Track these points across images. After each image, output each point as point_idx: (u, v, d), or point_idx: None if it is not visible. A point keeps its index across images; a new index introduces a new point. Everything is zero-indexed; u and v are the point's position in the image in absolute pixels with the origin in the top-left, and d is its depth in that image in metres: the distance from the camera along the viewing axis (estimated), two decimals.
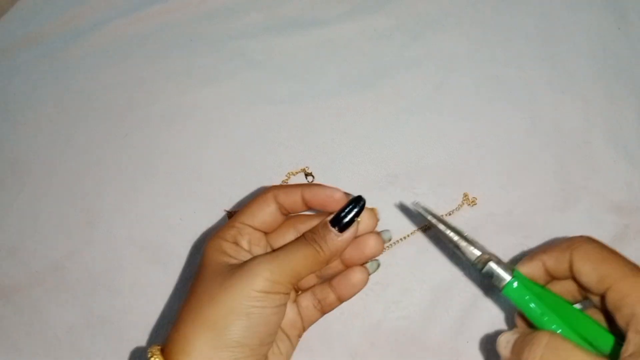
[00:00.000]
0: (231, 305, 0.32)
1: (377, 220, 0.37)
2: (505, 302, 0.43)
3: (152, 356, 0.32)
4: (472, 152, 0.48)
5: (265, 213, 0.36)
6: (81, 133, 0.52)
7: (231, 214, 0.47)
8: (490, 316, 0.43)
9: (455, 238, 0.37)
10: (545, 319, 0.33)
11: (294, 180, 0.48)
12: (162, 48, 0.54)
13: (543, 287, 0.35)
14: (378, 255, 0.37)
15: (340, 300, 0.38)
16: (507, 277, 0.35)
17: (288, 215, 0.38)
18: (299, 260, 0.34)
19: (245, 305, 0.32)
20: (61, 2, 0.57)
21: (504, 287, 0.35)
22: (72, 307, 0.46)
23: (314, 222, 0.36)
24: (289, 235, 0.37)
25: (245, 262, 0.33)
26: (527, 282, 0.35)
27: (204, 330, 0.32)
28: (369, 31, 0.53)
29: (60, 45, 0.55)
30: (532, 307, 0.34)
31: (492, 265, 0.35)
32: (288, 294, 0.34)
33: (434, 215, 0.37)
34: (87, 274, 0.46)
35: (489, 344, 0.42)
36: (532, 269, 0.36)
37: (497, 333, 0.42)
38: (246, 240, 0.36)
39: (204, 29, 0.55)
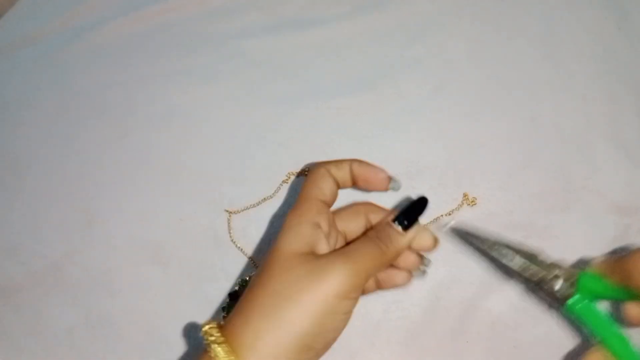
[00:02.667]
0: (307, 307, 0.31)
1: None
2: (505, 301, 0.43)
3: (213, 341, 0.31)
4: (472, 152, 0.48)
5: (329, 186, 0.36)
6: (81, 133, 0.52)
7: (231, 214, 0.47)
8: (490, 316, 0.43)
9: (505, 252, 0.35)
10: (611, 338, 0.32)
11: (294, 180, 0.48)
12: (162, 48, 0.54)
13: (612, 289, 0.33)
14: (430, 249, 0.37)
15: (378, 287, 0.38)
16: (570, 291, 0.33)
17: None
18: (369, 261, 0.33)
19: (321, 309, 0.31)
20: (61, 2, 0.57)
21: (567, 303, 0.33)
22: (71, 307, 0.46)
23: (383, 214, 0.37)
24: (359, 221, 0.37)
25: (321, 261, 0.33)
26: (596, 289, 0.33)
27: (277, 327, 0.31)
28: (369, 31, 0.53)
29: (60, 45, 0.55)
30: (599, 327, 0.33)
31: (551, 280, 0.34)
32: (358, 299, 0.33)
33: (473, 235, 0.36)
34: (87, 274, 0.46)
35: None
36: (612, 278, 0.34)
37: (497, 332, 0.42)
38: (325, 221, 0.35)
39: (204, 29, 0.55)
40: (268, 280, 0.33)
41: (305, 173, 0.48)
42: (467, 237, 0.36)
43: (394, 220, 0.35)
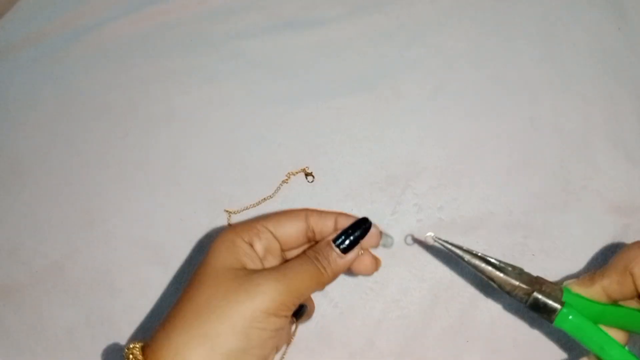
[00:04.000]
0: (233, 322, 0.30)
1: (378, 243, 0.36)
2: (504, 300, 0.43)
3: (131, 357, 0.30)
4: (472, 152, 0.48)
5: (293, 227, 0.34)
6: (81, 133, 0.52)
7: (231, 214, 0.47)
8: (490, 316, 0.43)
9: (488, 268, 0.33)
10: (606, 348, 0.31)
11: (294, 180, 0.48)
12: (162, 48, 0.54)
13: (600, 303, 0.33)
14: (369, 274, 0.36)
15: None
16: (557, 306, 0.31)
17: (309, 242, 0.36)
18: (304, 281, 0.32)
19: (247, 325, 0.30)
20: (61, 2, 0.57)
21: (555, 318, 0.32)
22: (72, 307, 0.46)
23: (324, 220, 0.35)
24: (299, 225, 0.35)
25: (252, 276, 0.31)
26: (582, 304, 0.32)
27: (199, 344, 0.29)
28: (369, 31, 0.53)
29: (60, 45, 0.55)
30: (592, 338, 0.31)
31: (538, 295, 0.32)
32: (288, 317, 0.32)
33: (458, 247, 0.34)
34: (87, 274, 0.47)
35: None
36: (591, 295, 0.33)
37: (497, 332, 0.42)
38: (263, 246, 0.34)
39: (204, 29, 0.55)
40: (194, 293, 0.31)
41: (305, 173, 0.48)
42: (450, 250, 0.34)
43: (334, 241, 0.34)
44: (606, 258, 0.43)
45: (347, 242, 0.34)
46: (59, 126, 0.52)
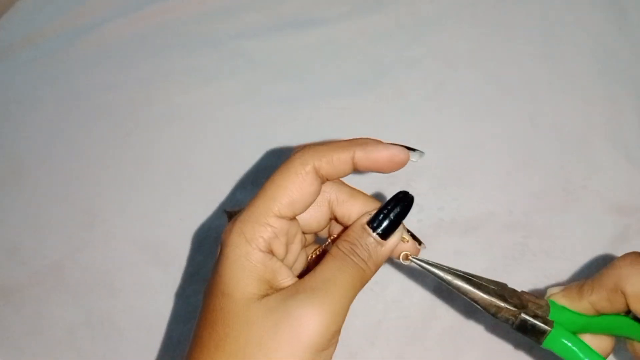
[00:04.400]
0: None
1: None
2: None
3: None
4: (472, 152, 0.48)
5: (308, 195, 0.27)
6: (81, 133, 0.52)
7: (231, 214, 0.47)
8: (490, 316, 0.43)
9: (471, 290, 0.29)
10: None
11: None
12: (162, 48, 0.54)
13: (583, 315, 0.31)
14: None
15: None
16: (546, 328, 0.29)
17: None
18: (349, 290, 0.26)
19: None
20: (61, 2, 0.57)
21: (544, 340, 0.29)
22: (72, 307, 0.46)
23: (347, 191, 0.29)
24: (321, 205, 0.29)
25: (289, 306, 0.25)
26: (568, 316, 0.30)
27: None
28: (369, 31, 0.53)
29: (60, 45, 0.55)
30: (581, 357, 0.29)
31: (525, 317, 0.29)
32: (338, 339, 0.26)
33: (435, 265, 0.29)
34: (87, 274, 0.46)
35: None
36: (577, 308, 0.30)
37: (497, 332, 0.42)
38: (283, 244, 0.27)
39: (204, 29, 0.55)
40: (223, 341, 0.25)
41: None
42: (428, 270, 0.29)
43: (369, 224, 0.27)
44: (606, 258, 0.43)
45: (385, 223, 0.27)
46: (59, 126, 0.52)
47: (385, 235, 0.27)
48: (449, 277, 0.29)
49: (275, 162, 0.49)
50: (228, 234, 0.26)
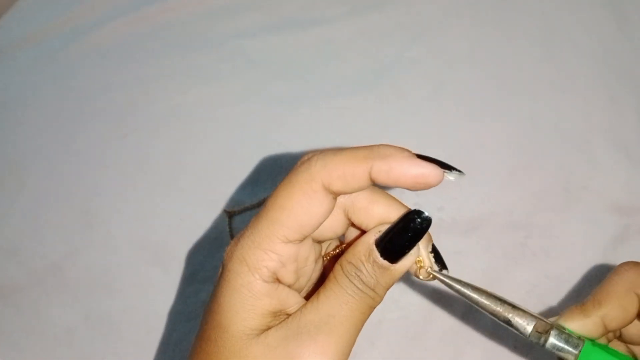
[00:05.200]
0: None
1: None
2: None
3: None
4: (473, 152, 0.48)
5: (318, 216, 0.23)
6: (81, 133, 0.52)
7: (231, 214, 0.47)
8: (490, 317, 0.43)
9: (503, 311, 0.27)
10: None
11: None
12: (162, 48, 0.54)
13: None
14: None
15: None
16: (574, 351, 0.27)
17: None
18: (356, 325, 0.23)
19: None
20: (61, 2, 0.57)
21: (581, 350, 0.26)
22: (71, 307, 0.46)
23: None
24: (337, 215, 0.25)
25: (286, 346, 0.23)
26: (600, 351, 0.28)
27: None
28: (369, 31, 0.53)
29: (60, 45, 0.55)
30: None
31: (555, 341, 0.27)
32: None
33: (467, 285, 0.27)
34: (86, 274, 0.46)
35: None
36: (585, 328, 0.27)
37: (497, 332, 0.42)
38: (291, 271, 0.24)
39: (204, 29, 0.55)
40: None
41: None
42: (446, 282, 0.28)
43: (377, 244, 0.23)
44: (606, 258, 0.43)
45: (395, 245, 0.23)
46: (59, 126, 0.52)
47: (394, 259, 0.23)
48: (475, 296, 0.27)
49: (275, 162, 0.49)
50: (229, 258, 0.23)
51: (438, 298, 0.43)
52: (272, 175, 0.48)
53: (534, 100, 0.49)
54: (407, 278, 0.44)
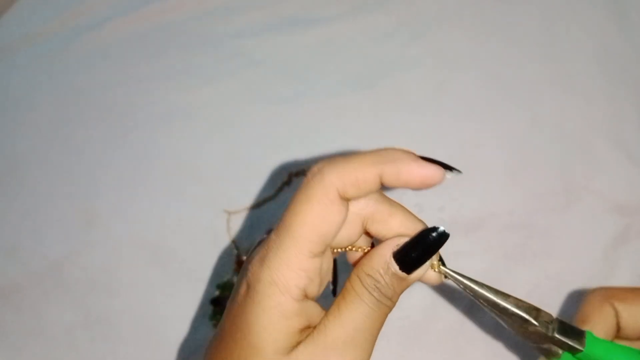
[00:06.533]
0: None
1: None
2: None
3: None
4: (473, 152, 0.48)
5: (337, 225, 0.24)
6: (80, 133, 0.51)
7: (231, 214, 0.47)
8: (491, 317, 0.43)
9: (521, 313, 0.28)
10: None
11: (295, 181, 0.48)
12: (161, 47, 0.54)
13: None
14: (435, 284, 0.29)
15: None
16: (582, 330, 0.28)
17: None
18: (376, 334, 0.26)
19: None
20: (61, 2, 0.57)
21: (585, 341, 0.28)
22: (71, 307, 0.45)
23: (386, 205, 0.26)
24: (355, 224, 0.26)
25: None
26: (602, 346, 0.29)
27: None
28: (369, 31, 0.53)
29: (60, 45, 0.55)
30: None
31: (562, 319, 0.28)
32: None
33: (472, 280, 0.28)
34: (86, 274, 0.46)
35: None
36: (603, 328, 0.29)
37: (498, 332, 0.42)
38: (317, 284, 0.25)
39: (204, 29, 0.54)
40: None
41: (305, 173, 0.48)
42: (462, 282, 0.29)
43: (395, 257, 0.25)
44: (607, 258, 0.43)
45: (413, 260, 0.25)
46: (58, 126, 0.52)
47: (411, 270, 0.25)
48: (482, 291, 0.29)
49: (275, 161, 0.48)
50: (257, 280, 0.24)
51: (439, 298, 0.43)
52: (272, 175, 0.48)
53: (534, 100, 0.49)
54: None
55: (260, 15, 0.55)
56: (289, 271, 0.23)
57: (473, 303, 0.43)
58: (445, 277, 0.28)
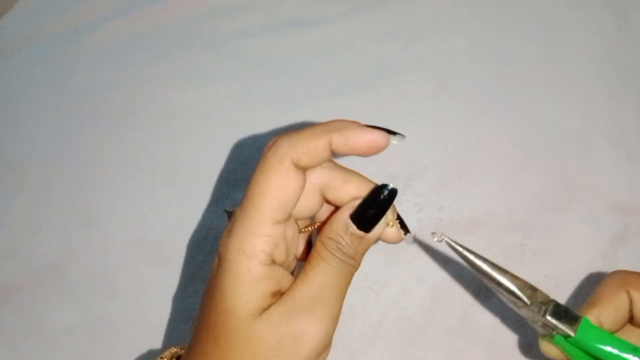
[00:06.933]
0: None
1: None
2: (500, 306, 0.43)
3: None
4: (472, 152, 0.48)
5: (296, 191, 0.26)
6: (81, 133, 0.52)
7: (231, 214, 0.47)
8: (491, 317, 0.43)
9: (503, 276, 0.29)
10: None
11: None
12: (161, 48, 0.54)
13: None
14: (396, 242, 0.30)
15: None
16: (578, 315, 0.29)
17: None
18: (342, 291, 0.27)
19: None
20: (61, 2, 0.57)
21: (578, 327, 0.28)
22: (71, 307, 0.46)
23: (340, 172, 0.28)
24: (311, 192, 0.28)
25: (288, 321, 0.26)
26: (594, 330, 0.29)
27: None
28: (369, 30, 0.53)
29: (60, 45, 0.55)
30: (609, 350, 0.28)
31: (559, 302, 0.29)
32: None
33: (468, 250, 0.30)
34: (86, 274, 0.46)
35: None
36: (612, 313, 0.29)
37: (497, 332, 0.42)
38: (284, 250, 0.27)
39: (204, 29, 0.55)
40: (227, 357, 0.26)
41: None
42: (462, 253, 0.30)
43: (352, 218, 0.27)
44: (607, 258, 0.43)
45: (369, 216, 0.27)
46: (58, 126, 0.52)
47: (368, 228, 0.27)
48: (479, 262, 0.29)
49: None
50: (225, 249, 0.26)
51: (439, 298, 0.43)
52: None
53: (534, 100, 0.49)
54: (407, 279, 0.44)
55: (261, 15, 0.55)
56: (254, 237, 0.25)
57: (472, 304, 0.43)
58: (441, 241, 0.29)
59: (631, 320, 0.30)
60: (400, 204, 0.46)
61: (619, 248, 0.43)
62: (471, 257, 0.29)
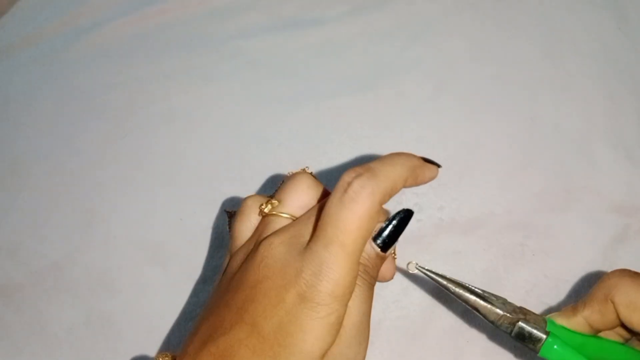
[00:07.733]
0: None
1: None
2: None
3: None
4: (473, 152, 0.48)
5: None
6: (81, 133, 0.52)
7: (231, 214, 0.47)
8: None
9: (472, 298, 0.32)
10: None
11: None
12: (162, 48, 0.54)
13: (582, 335, 0.32)
14: (390, 278, 0.32)
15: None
16: (542, 335, 0.31)
17: None
18: (370, 310, 0.28)
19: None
20: (61, 2, 0.57)
21: (541, 347, 0.31)
22: (71, 307, 0.46)
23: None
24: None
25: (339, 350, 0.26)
26: (565, 335, 0.31)
27: None
28: (369, 30, 0.53)
29: (60, 45, 0.55)
30: None
31: (523, 325, 0.31)
32: None
33: (440, 275, 0.32)
34: (86, 274, 0.46)
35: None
36: (573, 326, 0.32)
37: (498, 332, 0.42)
38: None
39: (204, 29, 0.55)
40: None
41: None
42: (433, 279, 0.32)
43: (374, 240, 0.28)
44: (606, 258, 0.43)
45: (388, 238, 0.28)
46: (59, 126, 0.52)
47: (387, 249, 0.28)
48: (452, 286, 0.32)
49: (275, 161, 0.48)
50: (316, 292, 0.25)
51: (438, 298, 0.43)
52: (272, 174, 0.48)
53: (534, 100, 0.49)
54: (407, 279, 0.44)
55: (260, 15, 0.55)
56: (346, 280, 0.25)
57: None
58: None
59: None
60: (400, 204, 0.46)
61: (618, 248, 0.43)
62: (443, 281, 0.32)
